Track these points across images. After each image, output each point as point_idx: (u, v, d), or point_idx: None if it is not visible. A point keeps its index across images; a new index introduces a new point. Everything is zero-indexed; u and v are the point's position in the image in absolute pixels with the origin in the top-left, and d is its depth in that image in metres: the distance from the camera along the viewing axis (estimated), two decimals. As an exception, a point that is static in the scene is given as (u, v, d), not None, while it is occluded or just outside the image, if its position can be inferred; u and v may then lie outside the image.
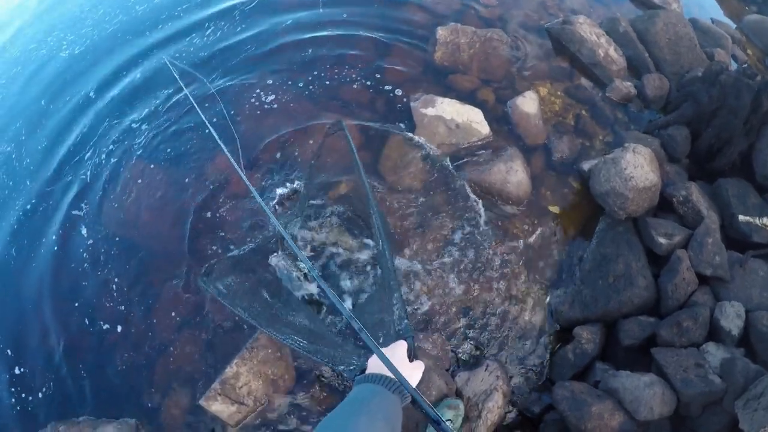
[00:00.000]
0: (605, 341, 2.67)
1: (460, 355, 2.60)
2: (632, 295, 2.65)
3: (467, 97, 3.34)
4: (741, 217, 3.01)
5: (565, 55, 3.72)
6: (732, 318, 2.58)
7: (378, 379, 1.04)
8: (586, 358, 2.57)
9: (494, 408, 2.39)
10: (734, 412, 2.22)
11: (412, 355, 1.21)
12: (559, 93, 3.48)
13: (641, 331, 2.58)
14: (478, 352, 2.63)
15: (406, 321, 1.71)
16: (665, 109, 3.61)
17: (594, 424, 2.27)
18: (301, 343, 2.05)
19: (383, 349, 1.14)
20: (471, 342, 2.63)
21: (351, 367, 1.67)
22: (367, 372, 1.11)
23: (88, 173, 3.19)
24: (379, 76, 3.49)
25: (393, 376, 1.03)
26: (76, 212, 3.03)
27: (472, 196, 2.95)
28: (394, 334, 1.64)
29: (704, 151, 3.30)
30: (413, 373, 1.14)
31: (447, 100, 3.21)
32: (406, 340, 1.24)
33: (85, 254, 2.86)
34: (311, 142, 3.11)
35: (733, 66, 3.94)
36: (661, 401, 2.29)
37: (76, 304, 2.71)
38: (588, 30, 3.73)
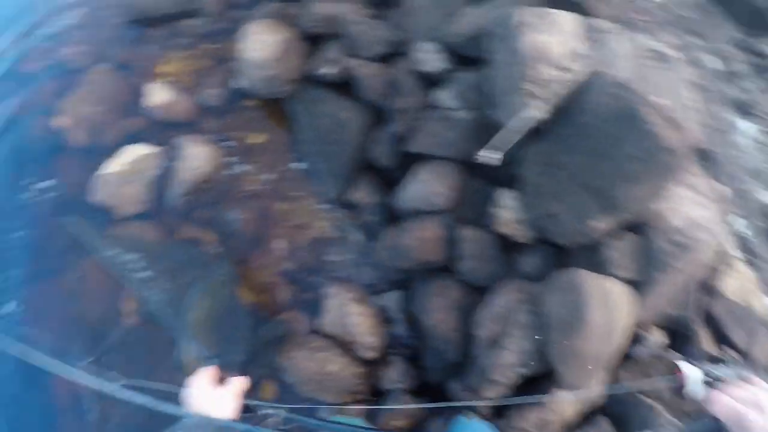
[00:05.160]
0: (382, 179, 2.59)
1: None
2: (350, 130, 2.54)
3: (123, 143, 3.05)
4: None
5: (154, 28, 3.39)
6: (433, 59, 2.49)
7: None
8: (379, 208, 2.49)
9: (359, 320, 2.28)
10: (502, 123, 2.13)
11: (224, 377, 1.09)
12: (180, 55, 3.22)
13: (390, 145, 2.50)
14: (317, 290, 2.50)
15: (193, 343, 1.58)
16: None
17: (422, 251, 2.21)
18: None
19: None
20: (305, 291, 2.52)
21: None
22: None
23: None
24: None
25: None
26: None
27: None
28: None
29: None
30: (220, 400, 1.02)
31: (109, 165, 2.94)
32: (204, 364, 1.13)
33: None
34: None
35: None
36: (442, 182, 2.25)
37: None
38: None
